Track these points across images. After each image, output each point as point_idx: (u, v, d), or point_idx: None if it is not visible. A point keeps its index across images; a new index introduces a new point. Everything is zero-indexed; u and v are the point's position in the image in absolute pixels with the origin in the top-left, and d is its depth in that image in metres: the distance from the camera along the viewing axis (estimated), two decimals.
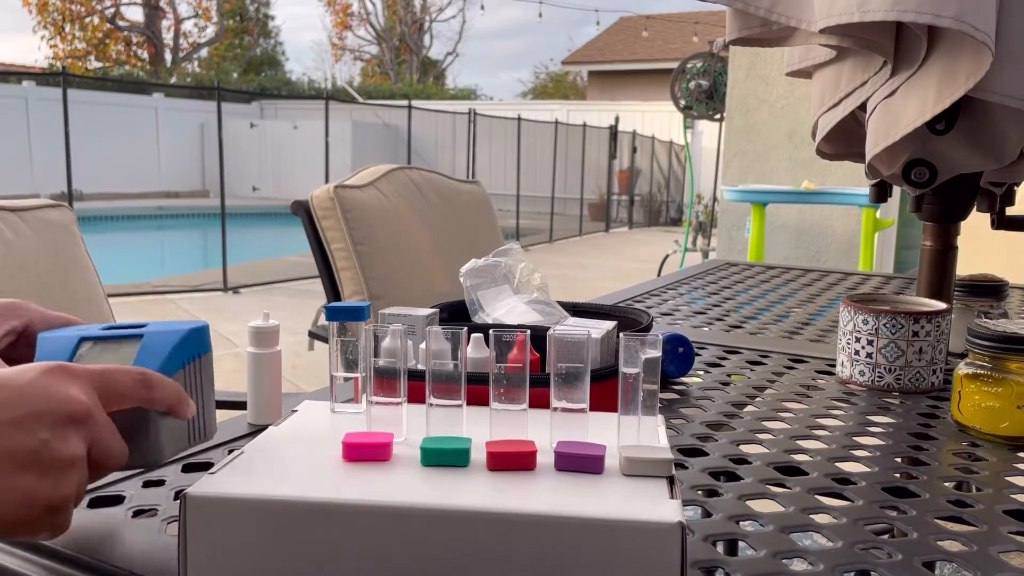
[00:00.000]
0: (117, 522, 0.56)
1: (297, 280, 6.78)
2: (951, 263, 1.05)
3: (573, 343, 0.50)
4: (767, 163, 4.35)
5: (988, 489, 0.64)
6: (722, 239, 4.59)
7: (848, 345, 0.91)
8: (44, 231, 1.05)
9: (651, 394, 0.50)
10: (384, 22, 29.99)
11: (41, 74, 14.10)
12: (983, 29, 0.78)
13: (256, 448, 0.50)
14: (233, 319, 5.48)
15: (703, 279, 1.69)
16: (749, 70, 4.33)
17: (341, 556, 0.42)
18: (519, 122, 11.62)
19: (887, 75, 0.90)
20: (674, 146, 15.20)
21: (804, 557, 0.52)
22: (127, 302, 5.87)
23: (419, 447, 0.48)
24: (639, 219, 14.34)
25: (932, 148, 0.93)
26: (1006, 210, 1.08)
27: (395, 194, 1.69)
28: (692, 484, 0.63)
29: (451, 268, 1.42)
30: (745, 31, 0.97)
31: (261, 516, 0.43)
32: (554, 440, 0.50)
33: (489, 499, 0.43)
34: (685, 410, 0.83)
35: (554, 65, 38.10)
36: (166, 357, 0.50)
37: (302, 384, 4.02)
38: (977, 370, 0.76)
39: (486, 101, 21.43)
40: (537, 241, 10.78)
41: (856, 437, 0.75)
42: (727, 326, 1.24)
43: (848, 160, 1.08)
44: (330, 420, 0.56)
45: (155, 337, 0.51)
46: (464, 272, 0.88)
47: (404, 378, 0.52)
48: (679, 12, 21.22)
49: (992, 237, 1.31)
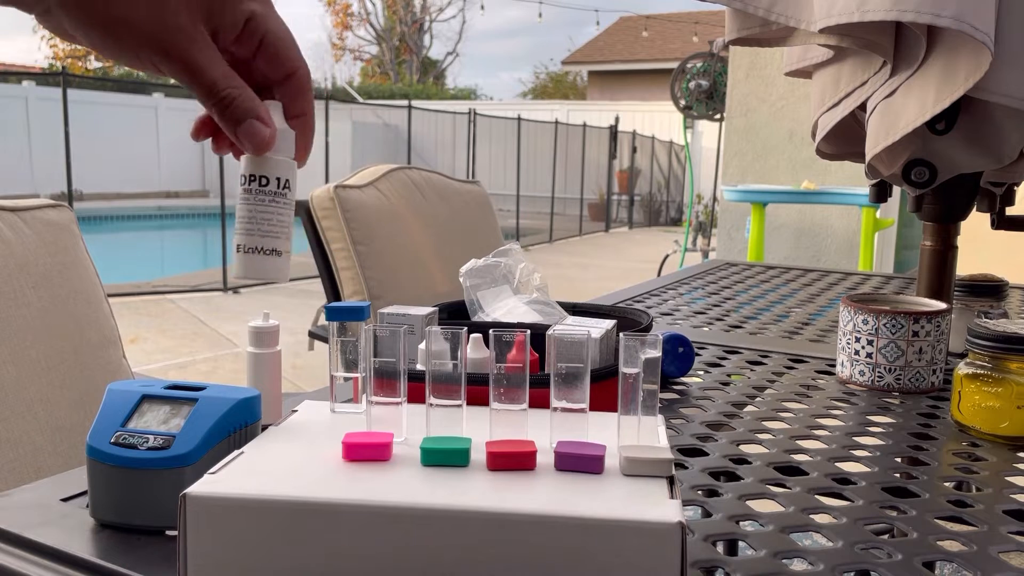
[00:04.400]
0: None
1: (297, 280, 6.78)
2: (951, 263, 1.05)
3: (573, 343, 0.50)
4: (767, 163, 4.35)
5: (988, 489, 0.64)
6: (722, 239, 4.59)
7: (848, 345, 0.91)
8: (44, 231, 1.05)
9: (651, 394, 0.50)
10: (384, 22, 29.99)
11: (41, 74, 14.09)
12: (983, 29, 0.78)
13: (256, 448, 0.50)
14: (233, 319, 5.48)
15: (703, 279, 1.69)
16: (749, 70, 4.33)
17: (341, 556, 0.42)
18: (519, 122, 11.62)
19: (887, 75, 0.90)
20: (674, 146, 15.20)
21: (804, 557, 0.52)
22: (127, 302, 5.87)
23: (419, 447, 0.48)
24: (639, 219, 14.34)
25: (932, 148, 0.93)
26: (1006, 210, 1.08)
27: (395, 194, 1.69)
28: (692, 484, 0.63)
29: (451, 268, 1.42)
30: (744, 31, 0.97)
31: (261, 516, 0.43)
32: (554, 440, 0.50)
33: (489, 499, 0.43)
34: (685, 410, 0.83)
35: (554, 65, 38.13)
36: (214, 423, 0.55)
37: (302, 384, 4.02)
38: (977, 370, 0.76)
39: (486, 101, 21.43)
40: (537, 241, 10.78)
41: (856, 437, 0.75)
42: (727, 326, 1.24)
43: (848, 160, 1.08)
44: (330, 420, 0.56)
45: (208, 403, 0.56)
46: (464, 272, 0.88)
47: (404, 378, 0.52)
48: (679, 12, 21.22)
49: (992, 237, 1.31)
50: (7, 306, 0.96)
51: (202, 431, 0.55)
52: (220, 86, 0.49)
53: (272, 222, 0.53)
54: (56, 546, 0.52)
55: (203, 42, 0.48)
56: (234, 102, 0.49)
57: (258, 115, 0.50)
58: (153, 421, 0.56)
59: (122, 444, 0.54)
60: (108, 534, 0.54)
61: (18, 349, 0.96)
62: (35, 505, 0.58)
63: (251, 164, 0.53)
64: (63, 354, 1.02)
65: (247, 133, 0.50)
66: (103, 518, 0.55)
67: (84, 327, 1.06)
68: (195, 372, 4.29)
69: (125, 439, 0.55)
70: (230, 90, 0.49)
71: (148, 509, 0.54)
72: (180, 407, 0.57)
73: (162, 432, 0.55)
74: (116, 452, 0.54)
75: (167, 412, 0.57)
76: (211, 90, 0.49)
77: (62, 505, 0.58)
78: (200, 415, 0.56)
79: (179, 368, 4.36)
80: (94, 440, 0.55)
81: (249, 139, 0.50)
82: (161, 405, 0.57)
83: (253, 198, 0.53)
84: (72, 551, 0.51)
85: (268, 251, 0.53)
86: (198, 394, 0.57)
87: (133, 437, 0.55)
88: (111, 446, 0.54)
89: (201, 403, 0.57)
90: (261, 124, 0.50)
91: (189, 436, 0.55)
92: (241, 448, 0.50)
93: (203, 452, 0.54)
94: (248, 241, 0.53)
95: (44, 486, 0.61)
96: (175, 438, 0.54)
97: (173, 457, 0.54)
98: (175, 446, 0.54)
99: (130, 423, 0.56)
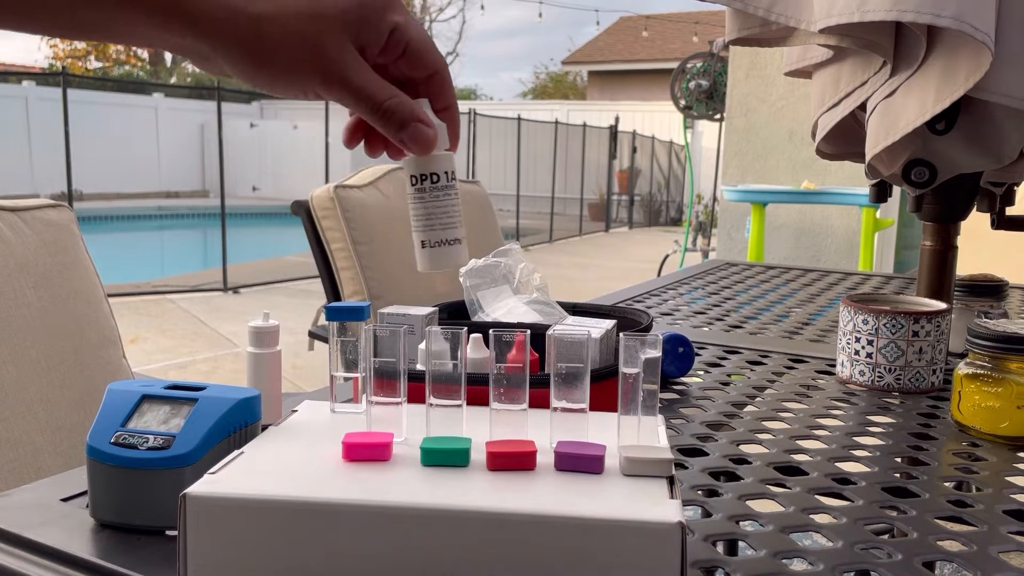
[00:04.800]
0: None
1: (297, 280, 6.78)
2: (951, 263, 1.05)
3: (573, 343, 0.50)
4: (767, 163, 4.35)
5: (988, 489, 0.64)
6: (722, 239, 4.59)
7: (848, 345, 0.91)
8: (44, 231, 1.05)
9: (651, 394, 0.50)
10: None
11: (41, 74, 14.08)
12: (982, 29, 0.78)
13: (256, 448, 0.50)
14: (233, 319, 5.48)
15: (703, 279, 1.69)
16: (749, 70, 4.33)
17: (341, 556, 0.42)
18: (519, 122, 11.62)
19: (887, 75, 0.90)
20: (674, 146, 15.19)
21: (804, 557, 0.52)
22: (127, 302, 5.87)
23: (419, 447, 0.48)
24: (639, 219, 14.34)
25: (932, 148, 0.93)
26: (1006, 210, 1.08)
27: (395, 194, 1.69)
28: (692, 484, 0.63)
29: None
30: (744, 31, 0.97)
31: (261, 516, 0.43)
32: (554, 440, 0.50)
33: (489, 499, 0.43)
34: (685, 410, 0.83)
35: (554, 65, 38.12)
36: (214, 424, 0.55)
37: (302, 384, 4.02)
38: (977, 370, 0.76)
39: (486, 101, 21.43)
40: (537, 241, 10.78)
41: (856, 437, 0.75)
42: (727, 326, 1.24)
43: (848, 160, 1.08)
44: (330, 420, 0.56)
45: (208, 403, 0.57)
46: (464, 272, 0.88)
47: (404, 378, 0.52)
48: (679, 12, 21.22)
49: (992, 237, 1.31)
50: (7, 306, 0.96)
51: (202, 431, 0.55)
52: (381, 98, 0.51)
53: (450, 213, 0.56)
54: (56, 546, 0.52)
55: (356, 63, 0.51)
56: (397, 110, 0.52)
57: (420, 119, 0.53)
58: (153, 421, 0.56)
59: (122, 444, 0.54)
60: (108, 534, 0.54)
61: (18, 349, 0.96)
62: (35, 505, 0.58)
63: (418, 164, 0.55)
64: (63, 354, 1.02)
65: (413, 137, 0.53)
66: (103, 518, 0.55)
67: (84, 327, 1.06)
68: (195, 372, 4.29)
69: (125, 439, 0.55)
70: (390, 101, 0.52)
71: (148, 509, 0.54)
72: (180, 407, 0.57)
73: (162, 432, 0.55)
74: (116, 452, 0.54)
75: (167, 412, 0.57)
76: (374, 105, 0.51)
77: (62, 505, 0.58)
78: (200, 415, 0.56)
79: (179, 368, 4.36)
80: (94, 440, 0.55)
81: (415, 142, 0.53)
82: (161, 405, 0.57)
83: (428, 195, 0.56)
84: (72, 551, 0.51)
85: (451, 241, 0.56)
86: (198, 394, 0.57)
87: (133, 437, 0.55)
88: (111, 446, 0.54)
89: (201, 403, 0.57)
90: (424, 127, 0.53)
91: (189, 436, 0.55)
92: (241, 448, 0.50)
93: (203, 452, 0.55)
94: (432, 236, 0.56)
95: (44, 486, 0.61)
96: (175, 438, 0.54)
97: (173, 457, 0.54)
98: (175, 446, 0.54)
99: (130, 423, 0.56)
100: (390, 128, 0.53)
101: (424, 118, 0.53)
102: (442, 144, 0.56)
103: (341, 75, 0.50)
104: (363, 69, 0.51)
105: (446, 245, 0.56)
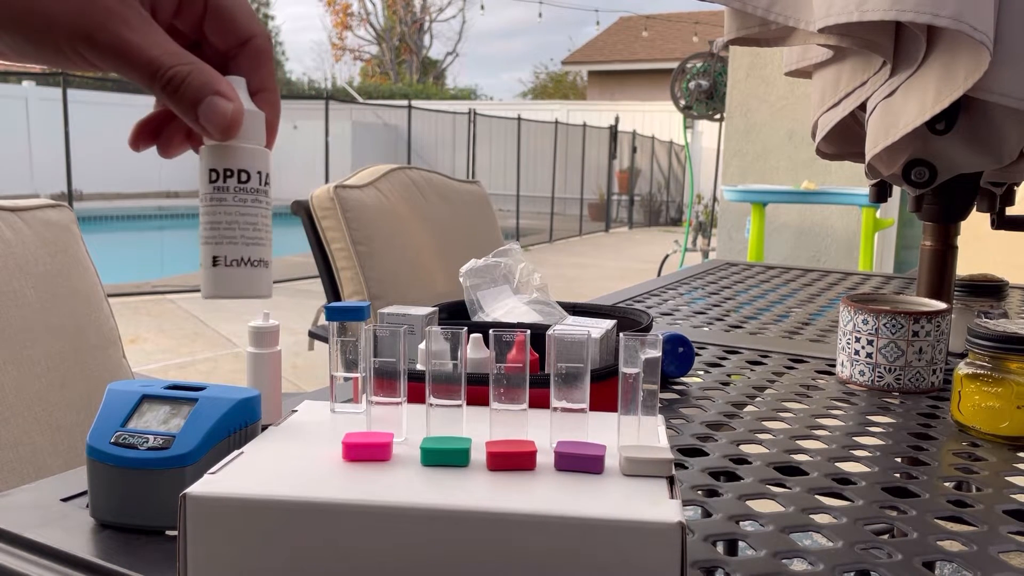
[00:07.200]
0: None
1: (297, 280, 6.78)
2: (951, 263, 1.05)
3: (573, 343, 0.50)
4: (767, 163, 4.35)
5: (988, 489, 0.64)
6: (722, 239, 4.59)
7: (848, 345, 0.91)
8: (44, 231, 1.05)
9: (651, 394, 0.50)
10: (384, 22, 30.01)
11: (41, 74, 14.07)
12: (981, 29, 0.78)
13: (256, 448, 0.50)
14: (233, 319, 5.48)
15: (703, 279, 1.69)
16: (749, 70, 4.33)
17: (341, 556, 0.42)
18: (519, 122, 11.63)
19: (887, 75, 0.90)
20: (674, 146, 15.20)
21: (804, 557, 0.52)
22: (127, 302, 5.88)
23: (419, 447, 0.48)
24: (639, 219, 14.34)
25: (932, 148, 0.93)
26: (1006, 210, 1.08)
27: (395, 194, 1.69)
28: (692, 484, 0.63)
29: (451, 268, 1.42)
30: (744, 31, 0.97)
31: (261, 516, 0.43)
32: (554, 440, 0.50)
33: (489, 499, 0.43)
34: (685, 410, 0.83)
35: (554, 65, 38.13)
36: (214, 424, 0.55)
37: (302, 384, 4.02)
38: (977, 370, 0.76)
39: (486, 101, 21.43)
40: (537, 241, 10.78)
41: (856, 437, 0.75)
42: (727, 326, 1.24)
43: (848, 160, 1.08)
44: (330, 420, 0.56)
45: (208, 403, 0.56)
46: (464, 272, 0.88)
47: (404, 378, 0.52)
48: (679, 12, 21.22)
49: (992, 237, 1.31)
50: (7, 306, 0.96)
51: (202, 431, 0.55)
52: (164, 63, 0.40)
53: (257, 226, 0.45)
54: (56, 546, 0.52)
55: (137, 19, 0.40)
56: (187, 79, 0.41)
57: (218, 90, 0.41)
58: (153, 421, 0.56)
59: (122, 444, 0.54)
60: (108, 534, 0.54)
61: (18, 349, 0.96)
62: (35, 505, 0.58)
63: (222, 156, 0.44)
64: (63, 354, 1.02)
65: (209, 113, 0.41)
66: (103, 518, 0.55)
67: (84, 327, 1.06)
68: (195, 372, 4.29)
69: (125, 439, 0.55)
70: (179, 67, 0.41)
71: (148, 509, 0.54)
72: (180, 407, 0.57)
73: (162, 432, 0.55)
74: (116, 452, 0.54)
75: (167, 412, 0.57)
76: (154, 70, 0.40)
77: (62, 505, 0.58)
78: (200, 415, 0.56)
79: (179, 368, 4.36)
80: (94, 440, 0.55)
81: (212, 120, 0.41)
82: (161, 405, 0.57)
83: (232, 197, 0.44)
84: (72, 551, 0.51)
85: (255, 262, 0.45)
86: (198, 394, 0.57)
87: (133, 437, 0.55)
88: (111, 446, 0.54)
89: (201, 403, 0.57)
90: (223, 99, 0.41)
91: (189, 436, 0.55)
92: (241, 448, 0.50)
93: (203, 452, 0.55)
94: (231, 252, 0.44)
95: (44, 486, 0.61)
96: (175, 438, 0.54)
97: (173, 457, 0.54)
98: (175, 446, 0.54)
99: (130, 423, 0.56)
100: (181, 103, 0.41)
101: (225, 90, 0.42)
102: (256, 136, 0.44)
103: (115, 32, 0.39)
104: (148, 28, 0.40)
105: (246, 266, 0.44)
